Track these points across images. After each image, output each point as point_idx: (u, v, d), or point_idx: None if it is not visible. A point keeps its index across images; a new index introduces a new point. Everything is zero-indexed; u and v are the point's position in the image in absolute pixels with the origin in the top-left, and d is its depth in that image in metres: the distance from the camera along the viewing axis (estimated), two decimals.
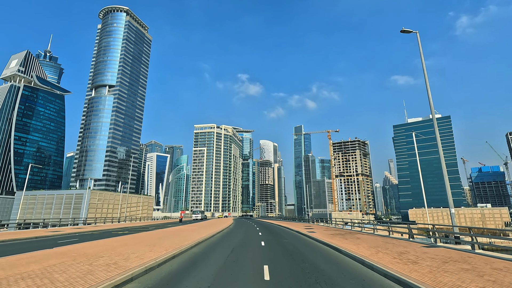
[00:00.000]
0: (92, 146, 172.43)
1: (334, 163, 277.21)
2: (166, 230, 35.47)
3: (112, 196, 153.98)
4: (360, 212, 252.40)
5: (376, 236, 24.79)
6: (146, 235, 27.00)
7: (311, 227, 40.47)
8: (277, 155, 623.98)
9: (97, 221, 63.94)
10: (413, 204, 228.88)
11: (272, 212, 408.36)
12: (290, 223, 60.35)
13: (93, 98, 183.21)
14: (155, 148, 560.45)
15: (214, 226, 42.59)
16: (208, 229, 35.13)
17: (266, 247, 18.96)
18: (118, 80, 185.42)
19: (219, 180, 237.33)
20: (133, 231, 34.89)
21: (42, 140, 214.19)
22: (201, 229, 34.64)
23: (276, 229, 40.50)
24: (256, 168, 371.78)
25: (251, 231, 34.44)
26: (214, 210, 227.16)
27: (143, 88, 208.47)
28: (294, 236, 28.98)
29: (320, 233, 28.96)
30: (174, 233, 28.38)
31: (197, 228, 37.95)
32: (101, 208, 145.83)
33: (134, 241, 20.91)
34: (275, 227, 44.23)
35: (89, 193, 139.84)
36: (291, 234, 30.76)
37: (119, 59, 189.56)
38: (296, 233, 31.76)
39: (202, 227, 39.03)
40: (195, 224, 51.58)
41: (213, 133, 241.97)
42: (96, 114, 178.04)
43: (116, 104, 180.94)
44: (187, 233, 28.71)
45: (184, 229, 36.97)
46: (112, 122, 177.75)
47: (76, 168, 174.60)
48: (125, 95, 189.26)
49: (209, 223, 54.08)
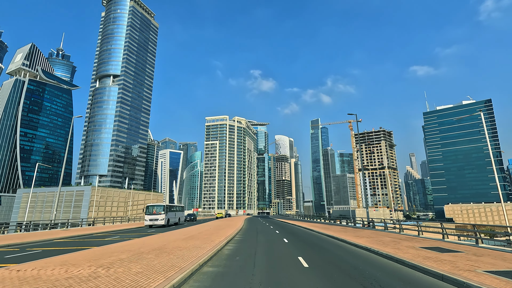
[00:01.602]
0: (96, 140, 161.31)
1: (357, 156, 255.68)
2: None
3: (116, 193, 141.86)
4: (387, 209, 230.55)
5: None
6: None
7: (348, 231, 23.76)
8: (293, 150, 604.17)
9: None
10: (447, 199, 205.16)
11: (289, 209, 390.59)
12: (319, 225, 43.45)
13: (97, 89, 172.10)
14: (169, 145, 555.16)
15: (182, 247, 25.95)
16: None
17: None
18: (122, 69, 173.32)
19: (233, 176, 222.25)
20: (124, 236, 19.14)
21: (49, 136, 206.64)
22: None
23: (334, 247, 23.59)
24: (272, 163, 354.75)
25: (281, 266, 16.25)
26: (228, 208, 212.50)
27: (150, 78, 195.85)
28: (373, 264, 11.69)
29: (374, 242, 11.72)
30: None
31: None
32: (104, 206, 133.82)
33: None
34: (326, 242, 27.47)
35: (90, 189, 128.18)
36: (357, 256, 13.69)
37: (123, 47, 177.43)
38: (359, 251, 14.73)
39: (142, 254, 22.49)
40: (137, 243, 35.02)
41: (225, 125, 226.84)
42: (100, 106, 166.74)
43: (121, 95, 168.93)
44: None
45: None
46: (117, 114, 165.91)
47: (80, 164, 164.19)
48: (130, 85, 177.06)
49: (185, 235, 37.19)
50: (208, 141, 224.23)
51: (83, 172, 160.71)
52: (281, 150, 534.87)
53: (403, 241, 18.06)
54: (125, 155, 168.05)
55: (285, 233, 28.90)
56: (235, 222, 51.92)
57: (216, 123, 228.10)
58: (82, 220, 48.91)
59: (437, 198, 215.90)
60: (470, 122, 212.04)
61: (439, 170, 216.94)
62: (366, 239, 19.81)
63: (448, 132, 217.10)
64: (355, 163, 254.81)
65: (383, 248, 14.94)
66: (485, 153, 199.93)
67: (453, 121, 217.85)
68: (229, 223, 49.41)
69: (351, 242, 18.89)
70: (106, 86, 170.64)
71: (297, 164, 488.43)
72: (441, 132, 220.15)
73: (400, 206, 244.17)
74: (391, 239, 19.53)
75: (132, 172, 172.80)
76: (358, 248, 16.79)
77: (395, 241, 18.49)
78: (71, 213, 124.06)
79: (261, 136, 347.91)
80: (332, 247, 17.84)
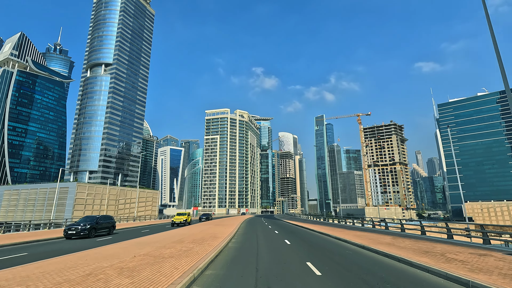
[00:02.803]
0: (86, 134, 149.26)
1: (366, 151, 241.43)
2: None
3: (105, 190, 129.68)
4: (400, 207, 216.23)
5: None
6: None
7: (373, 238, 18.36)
8: (297, 148, 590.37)
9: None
10: (466, 197, 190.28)
11: (294, 208, 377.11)
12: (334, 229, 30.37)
13: (87, 78, 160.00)
14: (170, 142, 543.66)
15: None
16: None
17: None
18: (115, 57, 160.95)
19: (235, 172, 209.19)
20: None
21: (40, 130, 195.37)
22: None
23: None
24: (275, 160, 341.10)
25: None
26: (230, 206, 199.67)
27: (146, 68, 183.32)
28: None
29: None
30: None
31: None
32: (91, 205, 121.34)
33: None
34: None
35: (75, 186, 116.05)
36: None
37: (116, 34, 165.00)
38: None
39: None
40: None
41: (226, 119, 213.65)
42: (91, 97, 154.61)
43: (113, 85, 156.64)
44: None
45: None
46: (108, 105, 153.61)
47: (70, 159, 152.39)
48: (123, 74, 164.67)
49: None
50: (208, 136, 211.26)
51: (72, 168, 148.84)
52: (285, 147, 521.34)
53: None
54: (118, 150, 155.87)
55: (317, 258, 15.54)
56: (215, 234, 24.57)
57: (216, 116, 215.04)
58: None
59: (454, 195, 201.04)
60: (490, 113, 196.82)
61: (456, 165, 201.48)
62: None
63: (466, 125, 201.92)
64: (364, 159, 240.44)
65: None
66: (507, 146, 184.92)
67: (471, 113, 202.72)
68: (202, 229, 30.93)
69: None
70: (97, 76, 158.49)
71: (301, 161, 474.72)
72: (457, 125, 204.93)
73: (412, 204, 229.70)
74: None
75: (126, 168, 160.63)
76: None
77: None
78: (54, 212, 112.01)
79: (265, 132, 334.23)
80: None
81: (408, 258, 11.77)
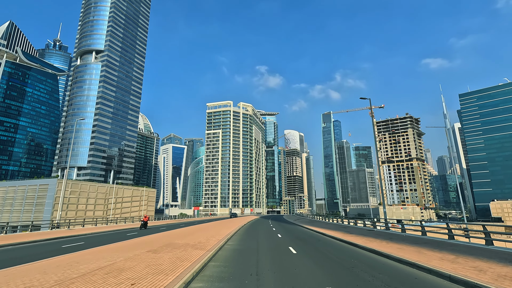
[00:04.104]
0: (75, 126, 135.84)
1: (379, 146, 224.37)
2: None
3: (93, 187, 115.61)
4: (418, 206, 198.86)
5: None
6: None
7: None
8: (304, 146, 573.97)
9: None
10: (492, 195, 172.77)
11: (301, 207, 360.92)
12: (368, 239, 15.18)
13: (77, 67, 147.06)
14: (174, 141, 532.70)
15: None
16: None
17: None
18: (106, 43, 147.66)
19: (238, 169, 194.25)
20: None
21: (31, 126, 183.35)
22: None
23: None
24: (282, 157, 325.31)
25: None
26: (233, 206, 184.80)
27: (141, 57, 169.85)
28: None
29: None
30: None
31: None
32: (75, 204, 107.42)
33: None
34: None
35: (56, 183, 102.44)
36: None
37: (108, 19, 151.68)
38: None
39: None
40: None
41: (229, 112, 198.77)
42: (80, 87, 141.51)
43: (104, 73, 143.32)
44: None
45: None
46: (99, 95, 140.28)
47: (57, 155, 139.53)
48: (116, 62, 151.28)
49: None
50: (209, 130, 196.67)
51: (60, 164, 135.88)
52: (291, 145, 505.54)
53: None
54: (109, 144, 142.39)
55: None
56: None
57: (219, 109, 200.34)
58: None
59: (479, 193, 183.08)
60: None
61: (481, 160, 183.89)
62: None
63: (491, 116, 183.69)
64: (377, 155, 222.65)
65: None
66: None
67: (497, 103, 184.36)
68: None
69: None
70: (88, 63, 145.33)
71: (309, 159, 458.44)
72: (482, 116, 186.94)
73: (431, 204, 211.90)
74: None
75: (119, 165, 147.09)
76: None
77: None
78: (33, 213, 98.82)
79: (270, 127, 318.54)
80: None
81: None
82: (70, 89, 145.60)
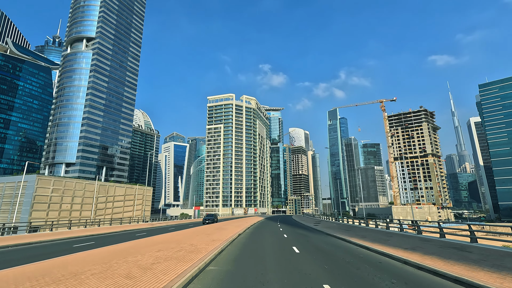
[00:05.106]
0: (63, 119, 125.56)
1: (391, 142, 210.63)
2: None
3: (80, 185, 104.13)
4: (434, 205, 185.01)
5: None
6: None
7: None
8: (309, 144, 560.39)
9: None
10: None
11: (307, 207, 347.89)
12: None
13: (67, 56, 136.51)
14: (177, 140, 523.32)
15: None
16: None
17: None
18: (98, 30, 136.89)
19: (241, 166, 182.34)
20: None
21: (22, 121, 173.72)
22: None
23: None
24: (287, 155, 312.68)
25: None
26: (236, 206, 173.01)
27: (137, 46, 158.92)
28: None
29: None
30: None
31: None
32: (58, 204, 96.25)
33: None
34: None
35: (35, 180, 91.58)
36: None
37: (100, 4, 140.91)
38: None
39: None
40: None
41: (231, 105, 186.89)
42: (70, 76, 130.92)
43: (95, 62, 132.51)
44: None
45: None
46: (90, 85, 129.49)
47: (45, 150, 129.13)
48: (109, 51, 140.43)
49: None
50: (210, 125, 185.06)
51: (47, 160, 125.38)
52: (296, 143, 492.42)
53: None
54: (101, 139, 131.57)
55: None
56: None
57: (220, 103, 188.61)
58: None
59: (503, 191, 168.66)
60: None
61: (504, 156, 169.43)
62: None
63: None
64: (389, 151, 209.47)
65: None
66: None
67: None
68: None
69: None
70: (78, 52, 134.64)
71: (315, 157, 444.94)
72: (505, 108, 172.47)
73: (448, 203, 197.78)
74: None
75: (112, 161, 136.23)
76: None
77: None
78: (10, 213, 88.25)
79: (275, 123, 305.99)
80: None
81: None
82: (59, 80, 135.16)
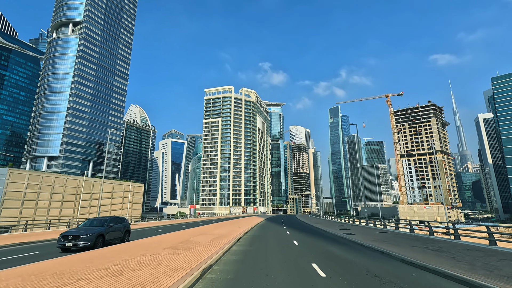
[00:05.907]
0: (46, 109, 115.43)
1: (398, 138, 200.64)
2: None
3: (60, 180, 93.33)
4: (443, 205, 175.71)
5: None
6: None
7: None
8: (310, 142, 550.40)
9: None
10: None
11: (308, 206, 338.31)
12: None
13: (52, 41, 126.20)
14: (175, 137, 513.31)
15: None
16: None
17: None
18: (85, 13, 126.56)
19: (240, 163, 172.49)
20: None
21: (8, 113, 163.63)
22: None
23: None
24: (288, 152, 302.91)
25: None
26: (234, 204, 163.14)
27: (129, 34, 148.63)
28: None
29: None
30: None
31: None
32: (34, 201, 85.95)
33: None
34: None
35: (7, 173, 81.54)
36: None
37: None
38: None
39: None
40: None
41: (229, 98, 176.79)
42: (54, 63, 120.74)
43: (82, 48, 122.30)
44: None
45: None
46: (75, 73, 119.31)
47: (27, 143, 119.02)
48: (97, 36, 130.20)
49: None
50: (207, 119, 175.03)
51: (29, 153, 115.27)
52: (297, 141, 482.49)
53: None
54: (88, 131, 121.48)
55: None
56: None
57: (218, 96, 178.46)
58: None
59: None
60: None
61: None
62: None
63: None
64: (395, 147, 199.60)
65: None
66: None
67: None
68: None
69: None
70: (63, 37, 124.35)
71: (316, 155, 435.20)
72: None
73: (458, 202, 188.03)
74: None
75: (100, 155, 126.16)
76: None
77: None
78: None
79: (275, 119, 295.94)
80: None
81: None
82: (43, 67, 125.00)
